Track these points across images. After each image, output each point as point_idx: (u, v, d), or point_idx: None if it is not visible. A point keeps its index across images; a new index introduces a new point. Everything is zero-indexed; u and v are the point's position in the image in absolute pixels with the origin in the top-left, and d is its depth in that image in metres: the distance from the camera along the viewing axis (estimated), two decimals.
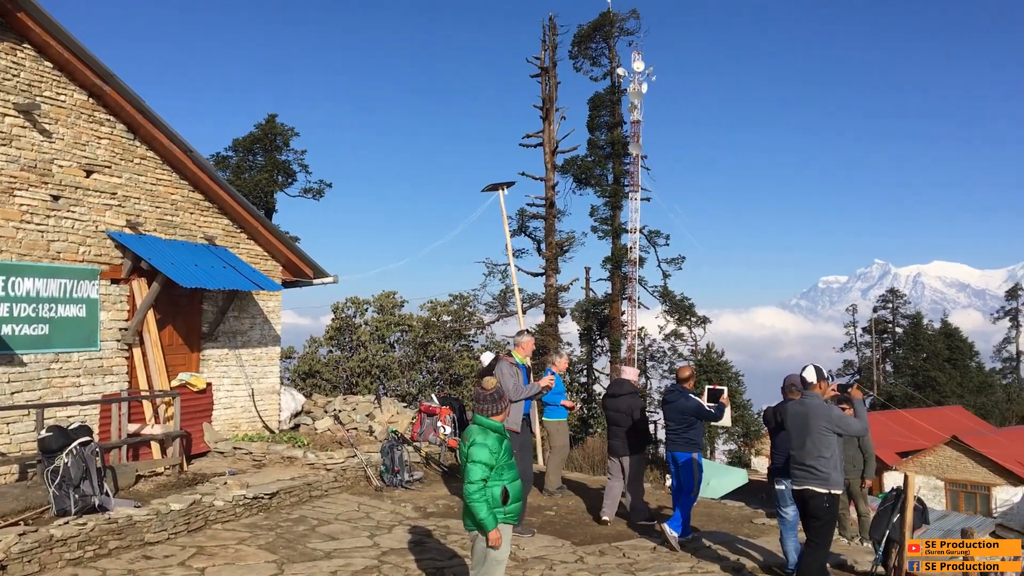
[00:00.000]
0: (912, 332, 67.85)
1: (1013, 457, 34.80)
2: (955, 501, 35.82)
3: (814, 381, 7.70)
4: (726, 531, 10.91)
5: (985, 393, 61.18)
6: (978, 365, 66.51)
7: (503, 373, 9.78)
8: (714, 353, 46.75)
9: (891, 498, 8.31)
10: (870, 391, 63.07)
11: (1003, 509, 34.37)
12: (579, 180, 41.14)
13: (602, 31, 41.38)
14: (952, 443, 36.43)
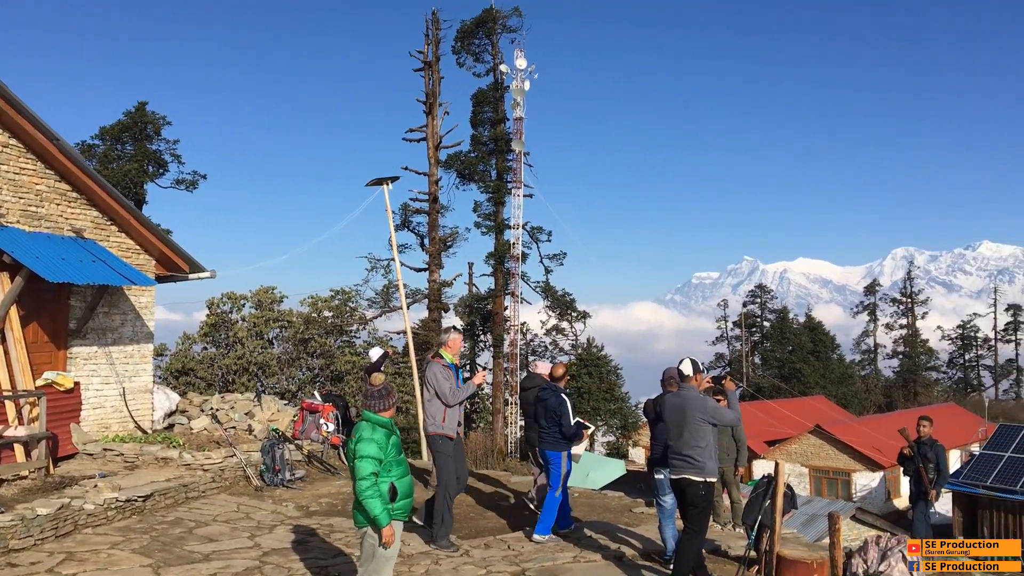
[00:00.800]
0: (779, 326, 71.02)
1: (871, 444, 36.87)
2: (818, 487, 37.73)
3: (690, 374, 7.96)
4: (607, 520, 11.17)
5: (845, 383, 64.65)
6: (839, 357, 70.23)
7: (437, 376, 9.28)
8: (594, 347, 47.72)
9: (762, 485, 8.67)
10: (740, 383, 65.65)
11: (862, 494, 36.42)
12: (463, 176, 41.18)
13: (485, 27, 41.51)
14: (815, 432, 38.34)
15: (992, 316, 79.36)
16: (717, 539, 9.90)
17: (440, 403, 9.22)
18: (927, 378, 73.82)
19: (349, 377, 31.07)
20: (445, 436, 9.26)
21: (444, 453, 9.30)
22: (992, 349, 79.17)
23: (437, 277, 38.00)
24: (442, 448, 9.29)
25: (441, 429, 9.24)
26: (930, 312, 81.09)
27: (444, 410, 9.22)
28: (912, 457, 12.91)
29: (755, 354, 74.77)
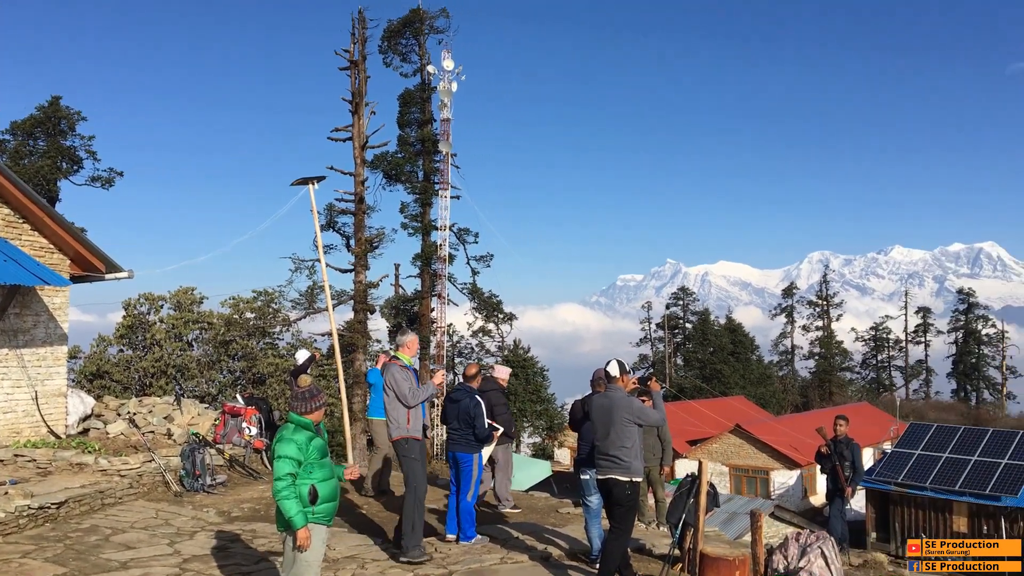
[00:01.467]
0: (700, 327, 72.38)
1: (788, 443, 37.87)
2: (738, 485, 38.57)
3: (617, 375, 8.04)
4: (533, 521, 11.22)
5: (764, 384, 66.28)
6: (758, 358, 71.96)
7: (396, 378, 8.94)
8: (520, 349, 47.90)
9: (686, 484, 8.83)
10: (663, 383, 66.73)
11: (780, 491, 37.36)
12: (389, 176, 40.86)
13: (412, 27, 41.29)
14: (736, 431, 39.20)
15: (903, 318, 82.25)
16: (642, 538, 10.03)
17: (403, 406, 8.94)
18: (842, 378, 76.14)
19: (272, 380, 30.54)
20: (412, 439, 8.96)
21: (412, 457, 8.93)
22: (903, 350, 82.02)
23: (363, 278, 37.61)
24: (409, 452, 8.94)
25: (407, 432, 8.93)
26: (844, 314, 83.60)
27: (407, 412, 8.92)
28: (829, 455, 13.30)
29: (678, 355, 76.03)
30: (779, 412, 58.56)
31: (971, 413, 66.59)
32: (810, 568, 6.26)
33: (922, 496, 30.20)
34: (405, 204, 41.78)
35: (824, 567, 6.27)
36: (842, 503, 13.31)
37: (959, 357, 78.77)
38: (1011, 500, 28.10)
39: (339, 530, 10.14)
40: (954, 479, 29.73)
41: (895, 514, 30.99)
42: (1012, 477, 28.76)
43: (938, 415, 62.39)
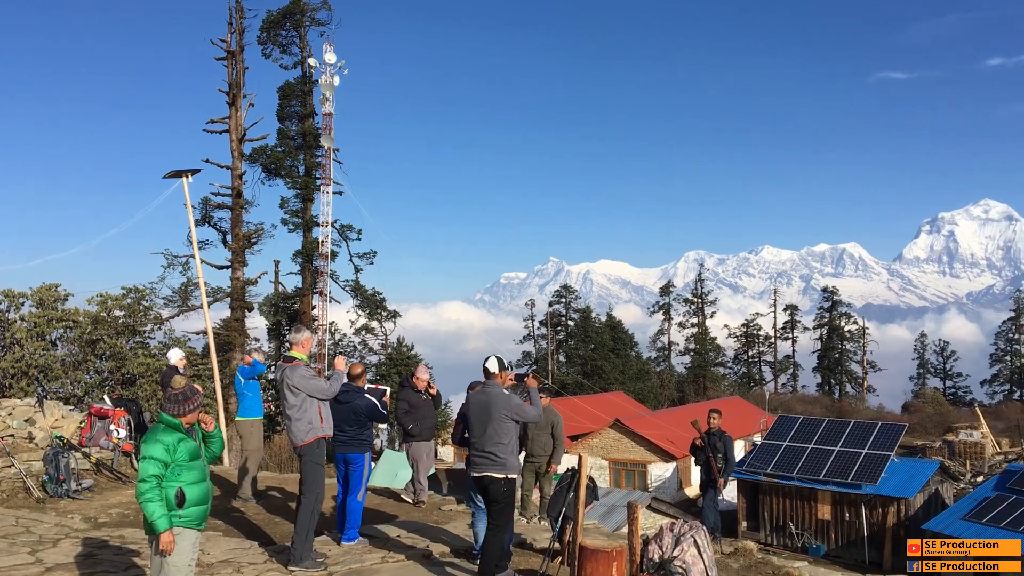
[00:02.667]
0: (582, 325, 73.61)
1: (665, 437, 38.96)
2: (617, 478, 39.45)
3: (496, 371, 8.03)
4: (416, 519, 11.19)
5: (642, 379, 67.94)
6: (637, 354, 73.72)
7: (303, 376, 8.52)
8: (404, 347, 47.61)
9: (566, 478, 8.98)
10: (545, 380, 67.58)
11: (657, 484, 38.41)
12: (269, 170, 39.94)
13: (292, 19, 40.44)
14: (615, 426, 40.05)
15: (772, 315, 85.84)
16: (523, 533, 10.14)
17: (315, 404, 8.57)
18: (715, 373, 78.82)
19: (143, 380, 29.34)
20: (324, 439, 8.69)
21: (317, 462, 8.63)
22: (772, 346, 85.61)
23: (241, 275, 36.64)
24: (317, 456, 8.62)
25: (321, 431, 8.61)
26: (718, 312, 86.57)
27: (319, 409, 8.62)
28: (703, 447, 13.79)
29: (560, 352, 77.11)
30: (656, 407, 60.14)
31: (835, 406, 70.10)
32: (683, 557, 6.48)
33: (789, 485, 31.59)
34: (286, 199, 40.93)
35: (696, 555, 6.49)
36: (715, 493, 13.82)
37: (823, 352, 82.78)
38: (871, 488, 29.72)
39: (214, 534, 9.86)
40: (819, 469, 31.23)
41: (764, 503, 32.32)
42: (872, 466, 30.42)
43: (804, 408, 65.49)
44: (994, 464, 44.73)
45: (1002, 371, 79.18)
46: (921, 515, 29.62)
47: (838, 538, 30.46)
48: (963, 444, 48.83)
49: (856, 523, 29.96)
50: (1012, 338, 79.42)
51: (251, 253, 37.42)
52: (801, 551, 30.21)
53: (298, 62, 41.25)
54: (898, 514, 29.38)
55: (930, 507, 30.38)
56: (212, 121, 36.49)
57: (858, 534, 29.91)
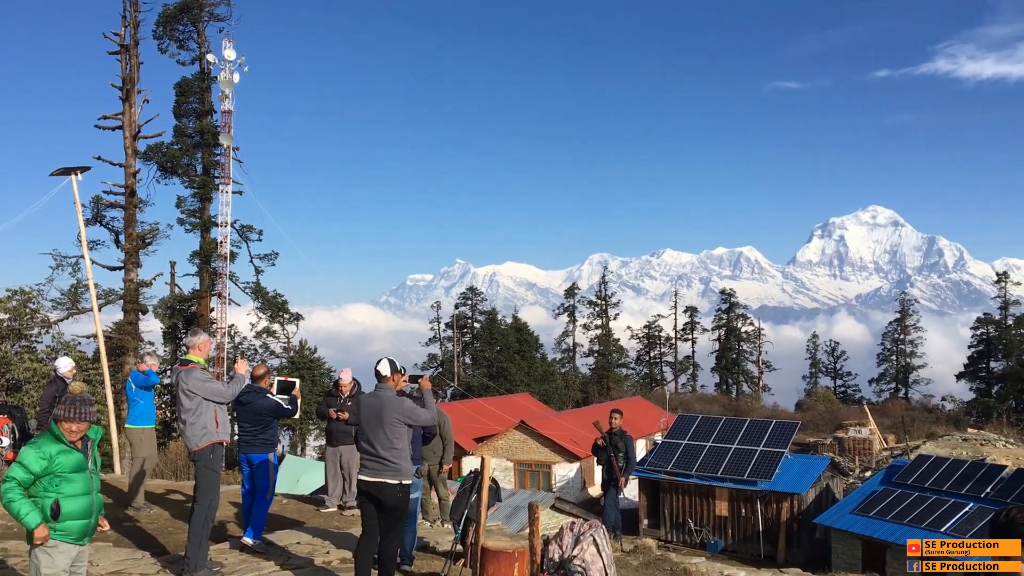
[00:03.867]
0: (488, 327, 73.83)
1: (569, 437, 39.39)
2: (522, 479, 39.69)
3: (387, 374, 7.85)
4: (318, 525, 11.02)
5: (547, 381, 68.53)
6: (542, 356, 74.33)
7: (199, 379, 8.25)
8: (307, 349, 46.83)
9: (469, 480, 8.99)
10: (451, 382, 67.47)
11: (561, 484, 38.80)
12: (165, 169, 38.73)
13: (190, 14, 39.34)
14: (520, 427, 40.28)
15: (673, 317, 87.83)
16: (425, 536, 10.10)
17: (211, 408, 8.31)
18: (618, 374, 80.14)
19: (29, 386, 28.05)
20: (219, 444, 8.41)
21: (212, 468, 8.36)
22: (673, 347, 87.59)
23: (134, 276, 35.40)
24: (214, 463, 8.36)
25: (216, 436, 8.35)
26: (621, 313, 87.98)
27: (215, 414, 8.36)
28: (605, 447, 13.99)
29: (466, 354, 77.12)
30: (561, 407, 60.71)
31: (732, 404, 72.16)
32: (583, 556, 6.56)
33: (689, 483, 32.37)
34: (182, 198, 39.79)
35: (596, 554, 6.58)
36: (616, 492, 14.04)
37: (721, 353, 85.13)
38: (765, 484, 30.70)
39: (103, 544, 9.49)
40: (717, 466, 32.09)
41: (665, 501, 33.03)
42: (767, 463, 31.43)
43: (704, 407, 67.21)
44: (881, 459, 46.79)
45: (888, 370, 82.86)
46: (813, 509, 30.76)
47: (735, 533, 31.35)
48: (852, 440, 50.90)
49: (752, 518, 30.89)
50: (897, 338, 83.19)
51: (145, 254, 36.23)
52: (700, 547, 30.98)
53: (196, 58, 40.16)
54: (791, 509, 30.42)
55: (821, 501, 31.57)
56: (104, 117, 35.18)
57: (754, 529, 30.85)
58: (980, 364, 76.04)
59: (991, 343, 75.16)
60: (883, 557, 26.68)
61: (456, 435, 38.53)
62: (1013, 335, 74.08)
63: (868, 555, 27.20)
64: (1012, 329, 74.50)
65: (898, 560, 26.05)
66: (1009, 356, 73.52)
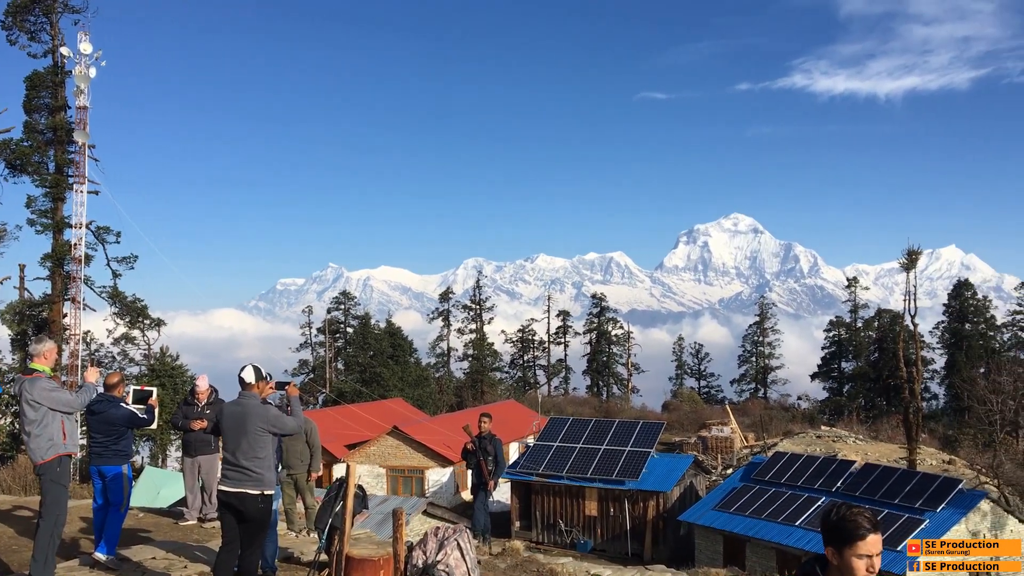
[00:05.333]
0: (361, 332, 72.97)
1: (443, 442, 39.33)
2: (395, 485, 39.38)
3: (252, 381, 7.66)
4: (175, 539, 10.64)
5: (422, 385, 68.28)
6: (416, 360, 74.04)
7: (45, 389, 7.78)
8: (169, 357, 45.03)
9: (334, 488, 8.86)
10: (323, 388, 66.31)
11: (434, 489, 38.70)
12: (13, 166, 36.54)
13: (42, 4, 37.28)
14: (393, 432, 39.98)
15: (546, 321, 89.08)
16: (289, 547, 9.90)
17: (58, 419, 7.85)
18: (492, 378, 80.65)
19: None
20: (67, 456, 7.95)
21: (59, 482, 7.91)
22: (546, 350, 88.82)
23: None
24: (61, 477, 7.91)
25: (64, 448, 7.89)
26: (496, 317, 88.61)
27: (62, 425, 7.90)
28: (474, 451, 14.06)
29: (338, 359, 75.97)
30: (435, 412, 60.58)
31: (602, 406, 73.73)
32: (447, 560, 6.57)
33: (560, 484, 32.89)
34: (33, 198, 37.61)
35: (460, 558, 6.61)
36: (486, 496, 14.13)
37: (593, 356, 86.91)
38: (633, 483, 31.54)
39: None
40: (586, 467, 32.74)
41: (536, 503, 33.44)
42: (634, 463, 32.29)
43: (575, 409, 68.40)
44: (742, 457, 48.80)
45: (748, 371, 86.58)
46: (678, 507, 31.80)
47: (604, 532, 32.06)
48: (715, 439, 52.90)
49: (620, 517, 31.67)
50: (757, 340, 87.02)
51: None
52: (570, 547, 31.51)
53: (49, 51, 38.06)
54: (657, 507, 31.35)
55: (686, 499, 32.67)
56: None
57: (622, 528, 31.63)
58: (832, 365, 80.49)
59: (842, 345, 79.65)
60: (743, 551, 27.85)
61: (327, 442, 37.91)
62: (862, 337, 78.75)
63: (729, 549, 28.33)
64: (861, 331, 79.18)
65: (756, 554, 27.26)
66: (859, 357, 78.12)
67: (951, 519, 25.24)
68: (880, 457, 43.73)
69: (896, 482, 27.52)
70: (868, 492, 27.61)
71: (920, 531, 24.81)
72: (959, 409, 62.07)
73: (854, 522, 3.76)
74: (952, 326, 73.26)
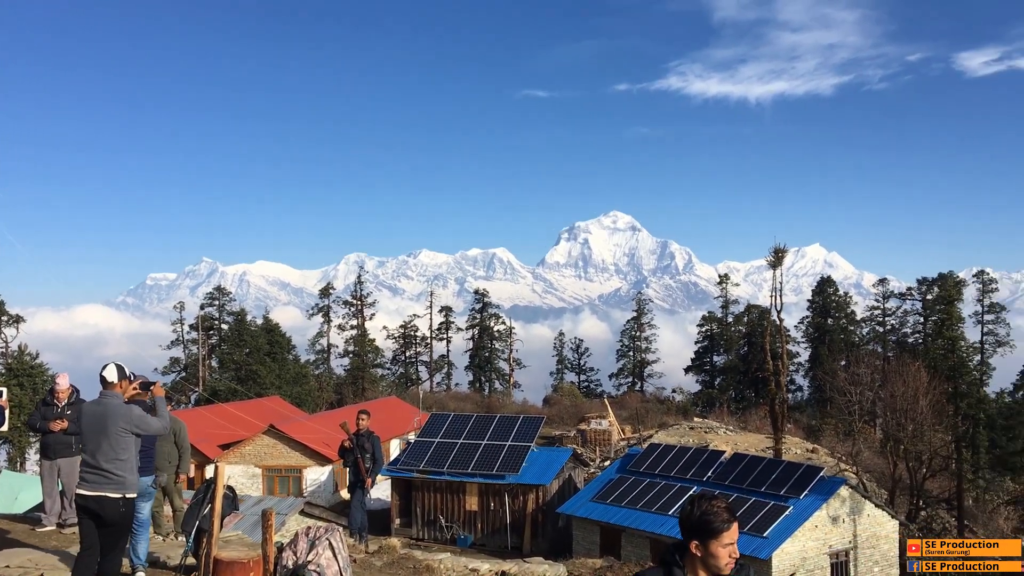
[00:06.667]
0: (237, 328, 70.95)
1: (322, 440, 38.66)
2: (271, 485, 38.50)
3: (114, 380, 7.37)
4: (33, 544, 10.09)
5: (300, 383, 66.99)
6: (295, 357, 72.59)
7: None
8: (28, 355, 42.66)
9: (202, 490, 8.60)
10: (196, 387, 64.18)
11: (312, 488, 38.04)
12: None
13: None
14: (270, 431, 39.07)
15: (429, 317, 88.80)
16: (157, 551, 9.55)
17: None
18: (374, 374, 79.84)
19: None
20: None
21: None
22: (428, 346, 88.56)
23: None
24: None
25: None
26: (377, 313, 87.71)
27: None
28: (351, 448, 13.89)
29: (212, 357, 73.67)
30: (315, 410, 59.57)
31: (484, 402, 74.14)
32: (318, 560, 6.47)
33: (440, 480, 32.88)
34: None
35: (331, 558, 6.51)
36: (363, 494, 13.99)
37: (475, 351, 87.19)
38: (513, 477, 31.85)
39: None
40: (467, 463, 32.85)
41: (417, 499, 33.34)
42: (515, 457, 32.61)
43: (457, 405, 68.56)
44: (619, 449, 49.99)
45: (626, 365, 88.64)
46: (557, 500, 32.31)
47: (484, 527, 32.24)
48: (594, 432, 54.00)
49: (500, 511, 31.92)
50: (634, 335, 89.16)
51: None
52: (451, 543, 31.57)
53: None
54: (537, 500, 31.76)
55: (565, 492, 33.22)
56: None
57: (502, 522, 31.90)
58: (705, 358, 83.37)
59: (714, 339, 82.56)
60: (619, 541, 28.54)
61: (199, 442, 36.76)
62: (733, 332, 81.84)
63: (605, 540, 28.97)
64: (732, 326, 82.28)
65: (632, 543, 27.97)
66: (729, 351, 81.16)
67: (813, 505, 26.56)
68: (748, 447, 45.58)
69: (763, 471, 28.75)
70: (737, 481, 28.73)
71: (785, 517, 26.01)
72: (822, 400, 65.34)
73: (717, 515, 3.92)
74: (816, 321, 76.97)
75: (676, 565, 4.00)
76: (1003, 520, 48.02)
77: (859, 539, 27.52)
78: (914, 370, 41.93)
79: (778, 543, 25.08)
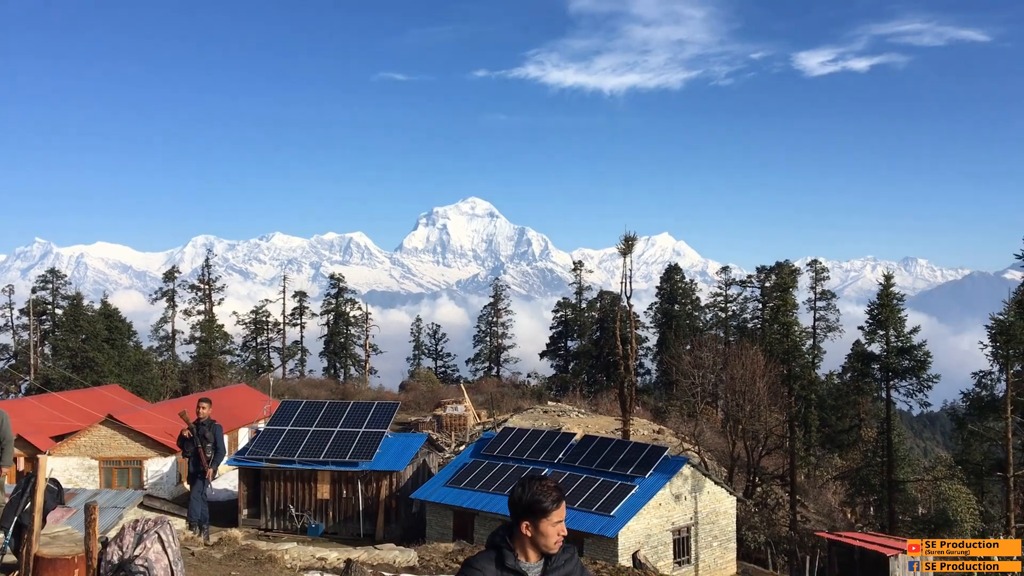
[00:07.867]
0: (72, 313, 66.96)
1: (164, 430, 37.04)
2: (109, 478, 36.62)
3: None
4: None
5: (142, 371, 63.92)
6: (136, 344, 69.22)
7: None
8: None
9: (22, 484, 8.09)
10: (26, 376, 60.31)
11: (154, 480, 36.44)
12: None
13: None
14: (107, 422, 37.15)
15: (282, 302, 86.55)
16: None
17: None
18: (222, 361, 77.14)
19: None
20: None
21: None
22: (281, 332, 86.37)
23: None
24: None
25: None
26: (227, 298, 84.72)
27: None
28: (192, 438, 13.35)
29: (45, 344, 69.40)
30: (158, 399, 57.08)
31: (339, 388, 73.02)
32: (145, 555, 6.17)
33: (291, 469, 32.15)
34: None
35: (161, 552, 6.22)
36: (204, 484, 13.49)
37: (330, 337, 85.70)
38: (366, 464, 31.52)
39: None
40: (319, 450, 32.26)
41: (266, 489, 32.49)
42: (368, 443, 32.26)
43: (311, 392, 67.24)
44: (474, 433, 50.37)
45: (483, 350, 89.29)
46: (411, 486, 32.23)
47: (336, 515, 31.79)
48: (450, 417, 54.17)
49: (353, 499, 31.54)
50: (491, 321, 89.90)
51: None
52: (301, 532, 30.96)
53: None
54: (390, 486, 31.57)
55: (419, 477, 33.18)
56: None
57: (355, 509, 31.54)
58: (559, 343, 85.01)
59: (568, 324, 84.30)
60: (472, 525, 28.76)
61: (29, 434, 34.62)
62: (586, 317, 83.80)
63: (459, 524, 29.15)
64: (585, 312, 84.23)
65: (485, 527, 28.23)
66: (583, 336, 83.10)
67: (657, 484, 27.60)
68: (599, 429, 46.89)
69: (611, 451, 29.62)
70: (586, 462, 29.49)
71: (631, 496, 26.90)
72: (668, 383, 67.92)
73: (546, 495, 4.00)
74: (663, 307, 79.85)
75: (507, 547, 4.04)
76: (831, 494, 51.49)
77: (700, 515, 28.82)
78: (752, 354, 44.21)
79: (624, 521, 25.91)
